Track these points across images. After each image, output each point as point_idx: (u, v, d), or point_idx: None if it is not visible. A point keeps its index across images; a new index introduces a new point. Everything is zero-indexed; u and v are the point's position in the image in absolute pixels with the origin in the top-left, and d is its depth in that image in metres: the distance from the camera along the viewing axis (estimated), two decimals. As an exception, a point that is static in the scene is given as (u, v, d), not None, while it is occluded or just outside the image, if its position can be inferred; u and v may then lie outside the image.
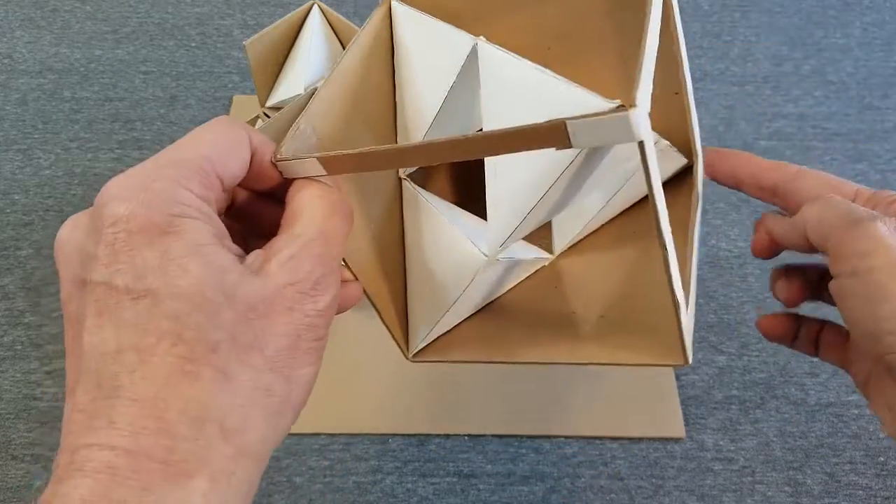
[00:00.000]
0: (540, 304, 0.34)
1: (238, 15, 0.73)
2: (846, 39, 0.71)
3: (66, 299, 0.23)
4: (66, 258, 0.23)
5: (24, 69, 0.68)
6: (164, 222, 0.22)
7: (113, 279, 0.21)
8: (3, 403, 0.49)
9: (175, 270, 0.21)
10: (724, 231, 0.57)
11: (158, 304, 0.21)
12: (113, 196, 0.22)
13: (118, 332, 0.21)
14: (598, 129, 0.21)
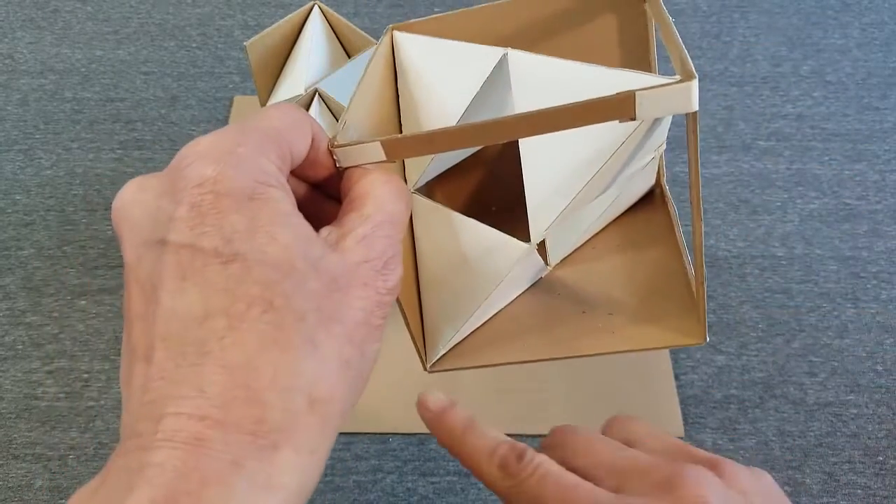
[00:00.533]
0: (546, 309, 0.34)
1: (239, 16, 0.74)
2: (845, 40, 0.71)
3: (134, 262, 0.22)
4: (133, 220, 0.22)
5: (26, 69, 0.69)
6: (251, 188, 0.21)
7: (199, 241, 0.21)
8: (5, 403, 0.50)
9: (264, 237, 0.21)
10: (722, 231, 0.57)
11: (249, 270, 0.21)
12: (200, 155, 0.21)
13: (205, 295, 0.20)
14: (662, 99, 0.23)
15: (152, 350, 0.20)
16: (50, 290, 0.55)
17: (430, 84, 0.33)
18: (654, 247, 0.36)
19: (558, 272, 0.36)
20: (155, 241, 0.21)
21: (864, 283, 0.55)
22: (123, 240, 0.22)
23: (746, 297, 0.54)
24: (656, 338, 0.32)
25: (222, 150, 0.22)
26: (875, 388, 0.50)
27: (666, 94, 0.23)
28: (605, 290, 0.34)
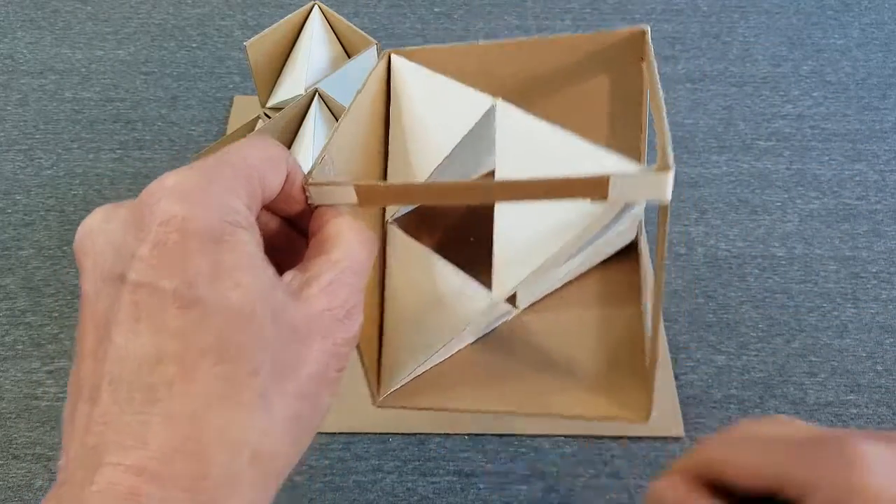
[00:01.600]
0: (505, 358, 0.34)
1: (239, 16, 0.74)
2: (845, 40, 0.71)
3: (92, 295, 0.21)
4: (96, 250, 0.21)
5: (26, 70, 0.69)
6: (218, 228, 0.21)
7: (159, 282, 0.20)
8: (5, 403, 0.50)
9: (227, 282, 0.20)
10: (723, 231, 0.57)
11: (207, 317, 0.20)
12: (169, 191, 0.21)
13: (159, 340, 0.20)
14: (636, 186, 0.23)
15: (98, 391, 0.20)
16: (50, 290, 0.55)
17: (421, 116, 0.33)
18: (623, 306, 0.36)
19: (525, 317, 0.36)
20: (115, 276, 0.20)
21: (863, 283, 0.55)
22: (84, 270, 0.21)
23: (746, 297, 0.54)
24: (602, 409, 0.32)
25: (192, 187, 0.21)
26: (875, 388, 0.50)
27: (640, 181, 0.23)
28: (565, 348, 0.34)
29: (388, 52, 0.34)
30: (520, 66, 0.34)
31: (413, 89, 0.34)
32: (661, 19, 0.73)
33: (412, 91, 0.34)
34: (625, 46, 0.33)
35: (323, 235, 0.24)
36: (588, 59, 0.33)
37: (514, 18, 0.73)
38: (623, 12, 0.74)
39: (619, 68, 0.33)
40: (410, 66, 0.34)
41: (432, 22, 0.73)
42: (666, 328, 0.52)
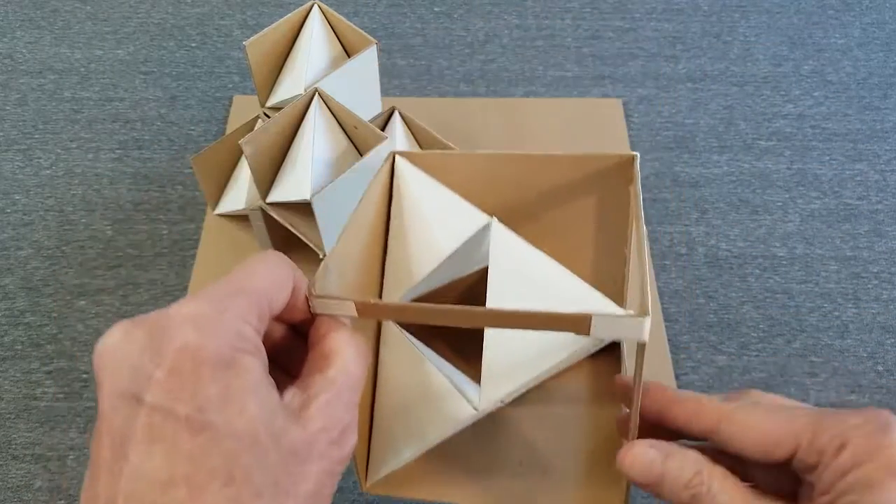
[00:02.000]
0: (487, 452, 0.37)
1: (238, 15, 0.73)
2: (846, 40, 0.71)
3: (109, 411, 0.23)
4: (114, 368, 0.23)
5: (25, 69, 0.69)
6: (229, 356, 0.23)
7: (174, 406, 0.22)
8: (4, 403, 0.50)
9: (234, 408, 0.22)
10: (723, 231, 0.57)
11: (216, 441, 0.22)
12: (186, 319, 0.23)
13: (171, 461, 0.22)
14: (615, 326, 0.25)
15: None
16: (49, 290, 0.55)
17: (422, 221, 0.36)
18: (605, 405, 0.38)
19: (508, 409, 0.37)
20: (132, 395, 0.22)
21: (864, 283, 0.55)
22: (102, 386, 0.23)
23: (747, 298, 0.54)
24: None
25: (207, 316, 0.23)
26: (876, 388, 0.50)
27: (620, 323, 0.25)
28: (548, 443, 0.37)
29: (392, 154, 0.36)
30: (517, 178, 0.36)
31: (416, 194, 0.36)
32: (661, 18, 0.73)
33: (415, 196, 0.36)
34: (615, 168, 0.35)
35: (322, 349, 0.26)
36: (581, 176, 0.36)
37: (514, 18, 0.73)
38: (623, 11, 0.73)
39: (608, 188, 0.36)
40: (413, 170, 0.36)
41: (432, 22, 0.73)
42: (666, 328, 0.52)
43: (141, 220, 0.58)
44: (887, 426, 0.26)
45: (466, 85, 0.67)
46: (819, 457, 0.26)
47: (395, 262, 0.36)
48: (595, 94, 0.67)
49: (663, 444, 0.29)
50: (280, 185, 0.49)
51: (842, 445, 0.26)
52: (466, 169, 0.36)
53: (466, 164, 0.36)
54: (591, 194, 0.37)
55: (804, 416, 0.27)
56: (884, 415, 0.26)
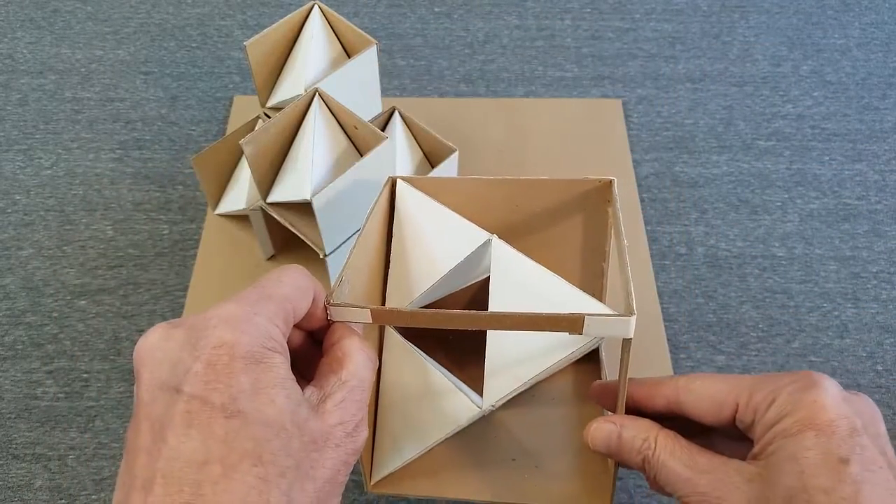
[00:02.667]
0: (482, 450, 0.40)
1: (238, 15, 0.74)
2: (845, 40, 0.71)
3: (149, 399, 0.25)
4: (154, 363, 0.26)
5: (25, 69, 0.69)
6: (259, 353, 0.26)
7: (210, 396, 0.24)
8: (4, 403, 0.50)
9: (264, 398, 0.25)
10: (723, 231, 0.57)
11: (247, 426, 0.24)
12: (223, 320, 0.26)
13: (207, 443, 0.24)
14: (606, 325, 0.29)
15: (153, 483, 0.24)
16: (49, 290, 0.55)
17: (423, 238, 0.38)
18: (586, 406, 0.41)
19: (500, 412, 0.40)
20: (171, 386, 0.25)
21: (864, 282, 0.55)
22: (142, 379, 0.26)
23: (746, 297, 0.54)
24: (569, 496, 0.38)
25: (241, 318, 0.26)
26: (875, 388, 0.50)
27: (609, 322, 0.29)
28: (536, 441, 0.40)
29: (392, 179, 0.40)
30: (507, 200, 0.40)
31: (416, 214, 0.39)
32: (661, 19, 0.73)
33: (415, 215, 0.39)
34: (596, 191, 0.39)
35: (335, 353, 0.29)
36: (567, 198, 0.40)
37: (514, 18, 0.73)
38: (622, 12, 0.74)
39: (591, 208, 0.40)
40: (413, 191, 0.39)
41: (432, 22, 0.73)
42: (666, 328, 0.52)
43: (141, 220, 0.58)
44: (812, 385, 0.28)
45: (466, 85, 0.67)
46: (753, 414, 0.29)
47: (397, 277, 0.39)
48: (595, 94, 0.67)
49: (620, 417, 0.33)
50: (280, 185, 0.49)
51: (771, 402, 0.29)
52: (461, 192, 0.40)
53: (461, 188, 0.40)
54: (575, 215, 0.41)
55: (746, 379, 0.31)
56: (812, 376, 0.29)
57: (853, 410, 0.28)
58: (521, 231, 0.42)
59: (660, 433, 0.31)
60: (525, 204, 0.40)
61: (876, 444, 0.28)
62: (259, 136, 0.46)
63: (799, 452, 0.27)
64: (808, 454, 0.27)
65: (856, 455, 0.27)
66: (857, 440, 0.27)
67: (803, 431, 0.27)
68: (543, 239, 0.42)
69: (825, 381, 0.29)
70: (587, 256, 0.42)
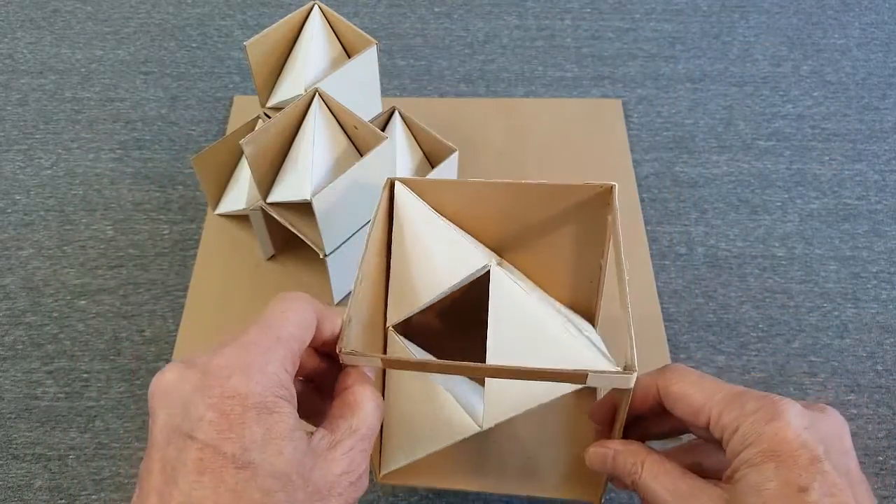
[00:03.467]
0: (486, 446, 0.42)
1: (238, 15, 0.74)
2: (845, 40, 0.71)
3: (163, 442, 0.26)
4: (169, 404, 0.27)
5: (26, 69, 0.69)
6: (271, 403, 0.27)
7: (222, 445, 0.26)
8: (4, 403, 0.50)
9: (273, 449, 0.26)
10: (722, 231, 0.57)
11: (256, 478, 0.25)
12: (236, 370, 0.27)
13: (217, 492, 0.25)
14: (608, 380, 0.31)
15: None
16: (50, 289, 0.55)
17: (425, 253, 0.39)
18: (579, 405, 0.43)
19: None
20: (184, 432, 0.26)
21: (864, 282, 0.55)
22: (156, 418, 0.27)
23: (746, 297, 0.54)
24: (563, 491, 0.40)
25: (254, 368, 0.27)
26: (875, 388, 0.50)
27: (611, 378, 0.31)
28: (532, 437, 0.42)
29: (390, 180, 0.40)
30: (509, 203, 0.40)
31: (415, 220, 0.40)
32: (661, 19, 0.73)
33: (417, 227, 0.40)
34: (597, 197, 0.39)
35: (347, 399, 0.31)
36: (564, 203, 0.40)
37: (514, 18, 0.73)
38: (622, 12, 0.74)
39: (590, 212, 0.40)
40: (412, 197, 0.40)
41: (432, 22, 0.73)
42: (666, 328, 0.52)
43: (141, 220, 0.58)
44: (774, 415, 0.30)
45: (466, 85, 0.67)
46: (721, 433, 0.31)
47: (398, 285, 0.40)
48: (595, 94, 0.67)
49: (614, 441, 0.35)
50: (280, 185, 0.49)
51: (736, 429, 0.30)
52: (460, 194, 0.40)
53: (460, 191, 0.40)
54: (574, 219, 0.41)
55: (720, 393, 0.32)
56: (776, 404, 0.30)
57: (815, 437, 0.29)
58: (519, 233, 0.42)
59: (647, 458, 0.33)
60: (525, 207, 0.41)
61: (838, 467, 0.29)
62: (259, 136, 0.46)
63: (761, 483, 0.29)
64: (770, 485, 0.28)
65: (816, 483, 0.28)
66: (817, 467, 0.28)
67: (765, 462, 0.29)
68: (541, 241, 0.42)
69: (788, 412, 0.30)
70: (583, 261, 0.43)
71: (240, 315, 0.53)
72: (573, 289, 0.45)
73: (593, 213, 0.40)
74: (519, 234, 0.42)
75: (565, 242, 0.42)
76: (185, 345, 0.52)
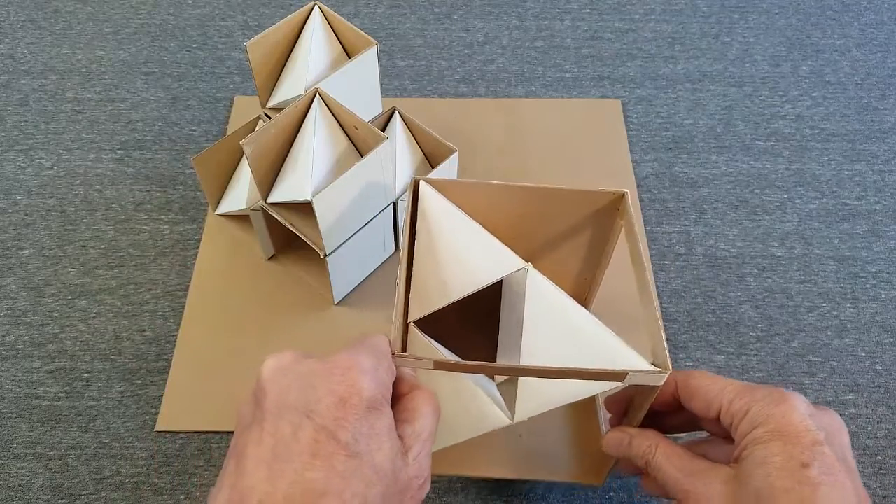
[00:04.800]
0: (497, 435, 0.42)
1: (239, 16, 0.74)
2: (844, 40, 0.71)
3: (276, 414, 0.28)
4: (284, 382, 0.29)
5: (26, 70, 0.69)
6: (379, 402, 0.29)
7: (338, 432, 0.27)
8: (6, 403, 0.50)
9: (375, 445, 0.28)
10: (722, 231, 0.58)
11: (361, 467, 0.27)
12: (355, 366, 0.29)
13: (328, 476, 0.27)
14: (644, 378, 0.34)
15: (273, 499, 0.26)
16: (51, 289, 0.55)
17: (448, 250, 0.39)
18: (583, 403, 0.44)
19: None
20: (300, 410, 0.28)
21: (863, 282, 0.55)
22: (268, 394, 0.29)
23: (746, 297, 0.54)
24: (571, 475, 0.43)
25: (371, 369, 0.30)
26: (874, 387, 0.50)
27: (647, 376, 0.34)
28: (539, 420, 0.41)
29: (415, 180, 0.41)
30: (525, 206, 0.42)
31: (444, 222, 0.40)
32: (660, 19, 0.73)
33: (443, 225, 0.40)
34: (609, 203, 0.41)
35: (408, 405, 0.32)
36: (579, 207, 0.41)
37: (513, 19, 0.73)
38: (622, 12, 0.74)
39: (601, 218, 0.42)
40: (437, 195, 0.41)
41: (432, 22, 0.73)
42: (665, 328, 0.52)
43: (142, 220, 0.58)
44: (782, 400, 0.33)
45: (466, 85, 0.68)
46: (731, 419, 0.34)
47: (422, 282, 0.41)
48: (594, 94, 0.67)
49: (632, 429, 0.38)
50: (281, 186, 0.49)
51: (746, 412, 0.33)
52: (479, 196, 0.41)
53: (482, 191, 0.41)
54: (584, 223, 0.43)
55: (731, 386, 0.35)
56: (784, 393, 0.33)
57: (817, 425, 0.32)
58: (532, 235, 0.43)
59: (661, 442, 0.36)
60: (539, 211, 0.42)
61: (837, 453, 0.31)
62: (259, 137, 0.47)
63: (767, 458, 0.31)
64: (775, 459, 0.31)
65: (816, 462, 0.31)
66: (818, 449, 0.31)
67: (772, 440, 0.32)
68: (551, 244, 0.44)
69: (795, 398, 0.33)
70: (586, 263, 0.45)
71: (240, 315, 0.53)
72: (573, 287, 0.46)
73: (604, 218, 0.42)
74: (532, 235, 0.43)
75: (573, 244, 0.44)
76: (186, 345, 0.52)
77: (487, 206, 0.41)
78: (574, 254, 0.45)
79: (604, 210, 0.41)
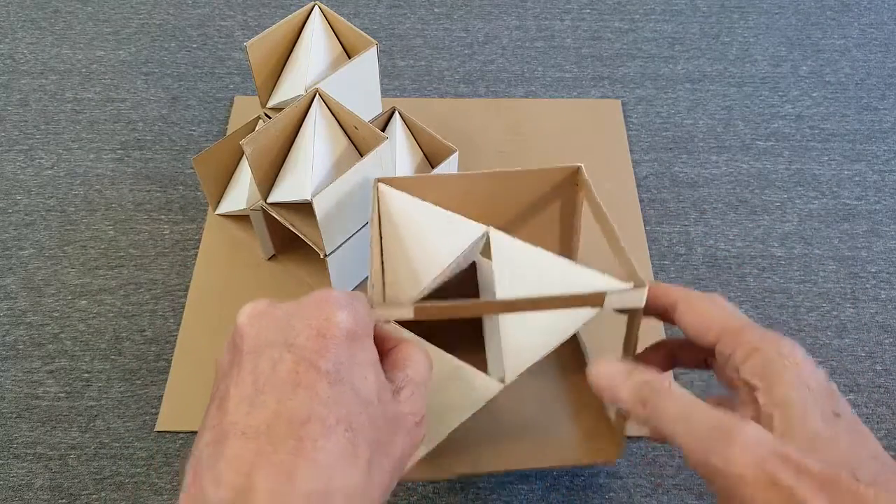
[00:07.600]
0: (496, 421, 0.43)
1: (239, 16, 0.74)
2: (844, 40, 0.71)
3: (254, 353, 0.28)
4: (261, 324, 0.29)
5: (26, 70, 0.69)
6: (359, 333, 0.29)
7: (317, 361, 0.27)
8: (5, 403, 0.50)
9: (359, 374, 0.28)
10: (722, 231, 0.58)
11: (345, 394, 0.27)
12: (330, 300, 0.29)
13: (310, 404, 0.26)
14: (623, 298, 0.34)
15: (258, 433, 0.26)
16: (51, 289, 0.55)
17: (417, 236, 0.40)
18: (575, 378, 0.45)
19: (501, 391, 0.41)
20: (279, 343, 0.28)
21: (863, 282, 0.55)
22: (245, 336, 0.29)
23: (745, 297, 0.54)
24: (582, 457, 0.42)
25: (346, 302, 0.29)
26: (874, 387, 0.50)
27: (626, 295, 0.34)
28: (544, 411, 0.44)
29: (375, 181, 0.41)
30: (487, 194, 0.43)
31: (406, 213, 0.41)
32: (660, 19, 0.73)
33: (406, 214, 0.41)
34: (568, 178, 0.43)
35: (396, 356, 0.32)
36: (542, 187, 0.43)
37: (513, 19, 0.73)
38: (622, 13, 0.74)
39: (564, 193, 0.44)
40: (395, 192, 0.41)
41: (432, 22, 0.73)
42: (665, 328, 0.52)
43: (142, 220, 0.58)
44: (781, 337, 0.32)
45: (466, 85, 0.68)
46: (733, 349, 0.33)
47: (394, 275, 0.41)
48: (594, 94, 0.67)
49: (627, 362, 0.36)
50: (281, 186, 0.49)
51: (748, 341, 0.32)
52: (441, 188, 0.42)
53: (441, 186, 0.42)
54: (551, 201, 0.44)
55: (738, 321, 0.34)
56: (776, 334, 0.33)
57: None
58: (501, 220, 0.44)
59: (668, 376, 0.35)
60: (503, 195, 0.43)
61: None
62: (259, 137, 0.47)
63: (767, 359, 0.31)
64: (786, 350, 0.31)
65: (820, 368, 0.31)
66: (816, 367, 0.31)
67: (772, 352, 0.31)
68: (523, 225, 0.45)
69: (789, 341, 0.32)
70: (562, 239, 0.46)
71: (240, 315, 0.53)
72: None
73: (567, 194, 0.43)
74: (501, 219, 0.44)
75: (545, 222, 0.45)
76: (186, 344, 0.52)
77: (452, 200, 0.42)
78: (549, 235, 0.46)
79: (563, 185, 0.43)
